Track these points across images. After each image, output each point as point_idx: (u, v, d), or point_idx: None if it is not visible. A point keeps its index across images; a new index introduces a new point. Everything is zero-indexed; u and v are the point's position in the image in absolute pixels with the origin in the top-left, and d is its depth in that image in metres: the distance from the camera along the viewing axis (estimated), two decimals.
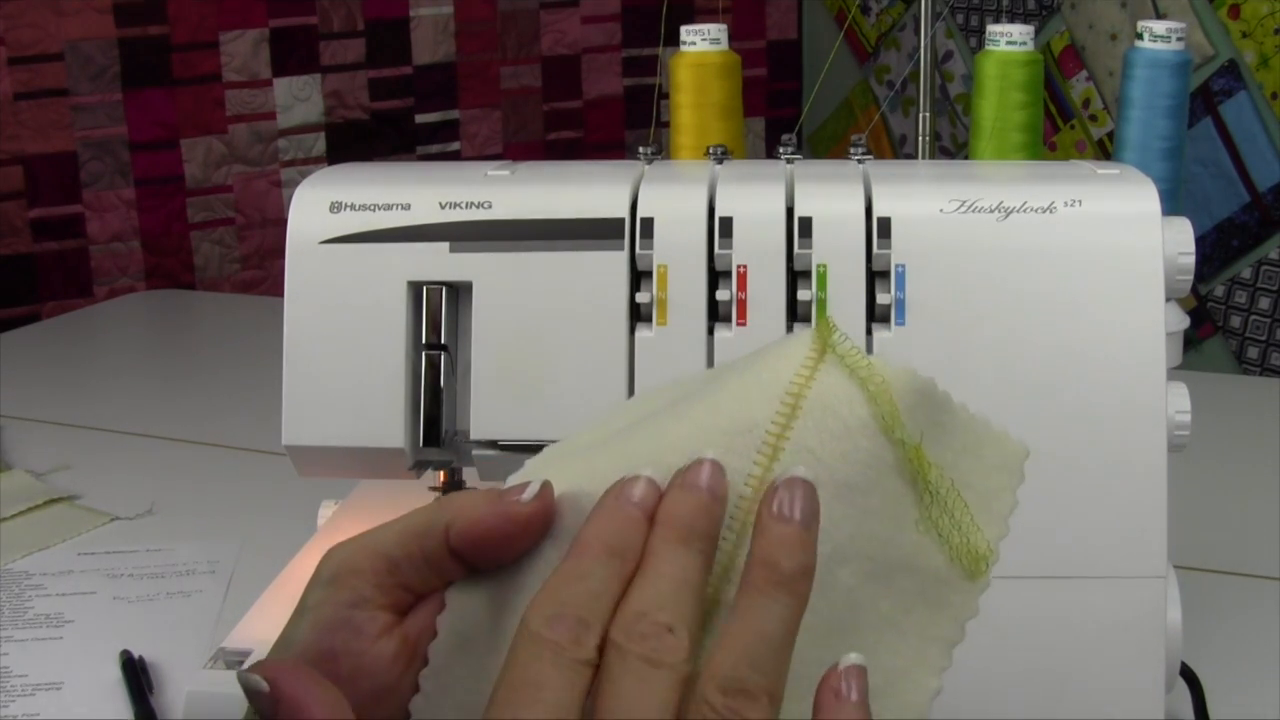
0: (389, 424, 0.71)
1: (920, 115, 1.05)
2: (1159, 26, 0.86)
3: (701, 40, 0.89)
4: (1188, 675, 0.76)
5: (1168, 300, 0.67)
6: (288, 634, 0.45)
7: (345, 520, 0.91)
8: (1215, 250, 2.08)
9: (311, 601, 0.45)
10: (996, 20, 2.09)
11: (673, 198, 0.70)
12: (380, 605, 0.44)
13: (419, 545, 0.44)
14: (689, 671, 0.39)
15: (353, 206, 0.71)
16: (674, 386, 0.48)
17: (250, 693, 0.41)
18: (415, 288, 0.71)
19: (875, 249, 0.67)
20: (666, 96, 0.92)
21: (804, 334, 0.45)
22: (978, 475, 0.45)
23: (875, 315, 0.67)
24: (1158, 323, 0.66)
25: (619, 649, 0.39)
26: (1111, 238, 0.67)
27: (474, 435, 0.71)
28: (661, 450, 0.44)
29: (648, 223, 0.69)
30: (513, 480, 0.45)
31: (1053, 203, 0.67)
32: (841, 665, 0.41)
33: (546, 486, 0.44)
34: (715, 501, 0.42)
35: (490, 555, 0.43)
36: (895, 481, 0.44)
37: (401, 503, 0.86)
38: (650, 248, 0.69)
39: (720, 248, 0.68)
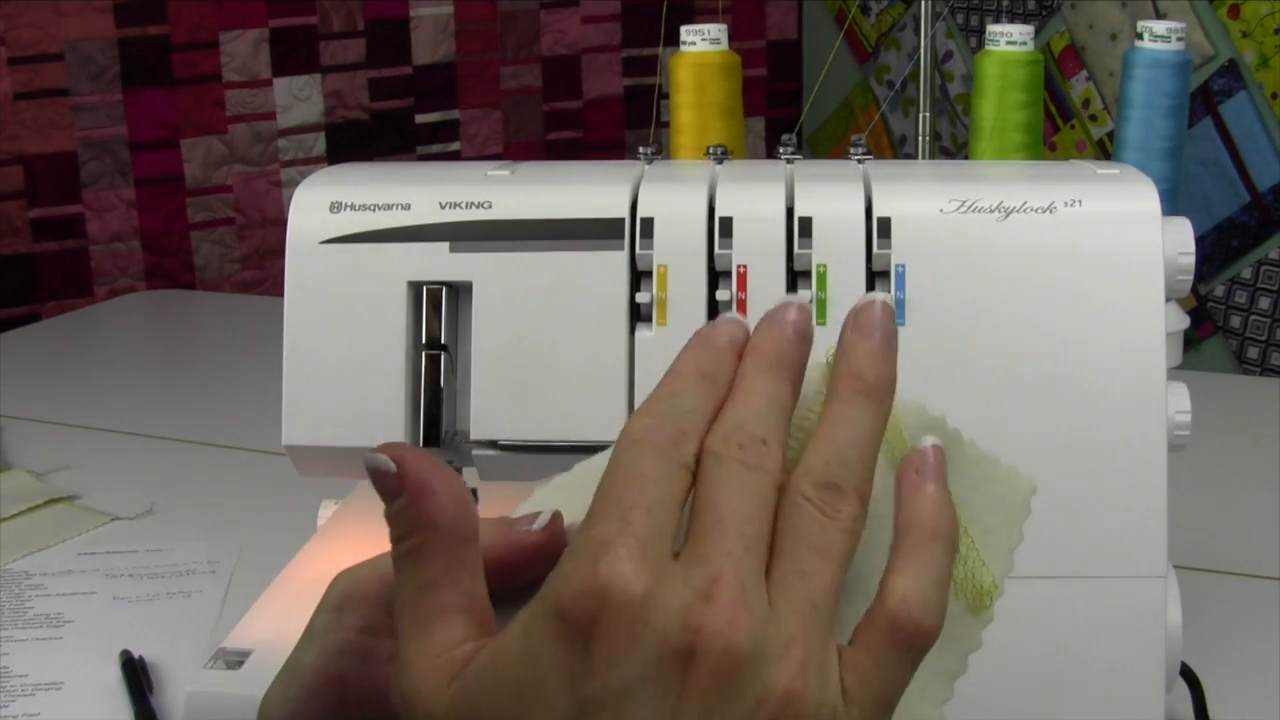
0: (389, 424, 0.71)
1: (920, 115, 1.05)
2: (1159, 26, 0.86)
3: (701, 40, 0.89)
4: (1188, 675, 0.76)
5: (1168, 300, 0.67)
6: (296, 658, 0.45)
7: (345, 520, 0.91)
8: (1215, 250, 2.08)
9: (320, 626, 0.45)
10: (996, 20, 2.09)
11: (673, 198, 0.70)
12: (389, 631, 0.44)
13: None
14: (782, 480, 0.41)
15: (353, 206, 0.71)
16: None
17: (377, 473, 0.41)
18: (415, 288, 0.71)
19: (875, 249, 0.67)
20: (666, 96, 0.92)
21: (815, 365, 0.46)
22: (986, 511, 0.46)
23: None
24: (1158, 323, 0.66)
25: (716, 456, 0.40)
26: (1111, 238, 0.67)
27: (474, 435, 0.71)
28: None
29: (648, 223, 0.69)
30: (522, 510, 0.45)
31: (1053, 203, 0.67)
32: (921, 444, 0.44)
33: (556, 516, 0.44)
34: (801, 339, 0.43)
35: (499, 583, 0.44)
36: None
37: None
38: (650, 248, 0.69)
39: (720, 248, 0.68)
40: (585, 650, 0.37)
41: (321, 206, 0.72)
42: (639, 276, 0.69)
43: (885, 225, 0.68)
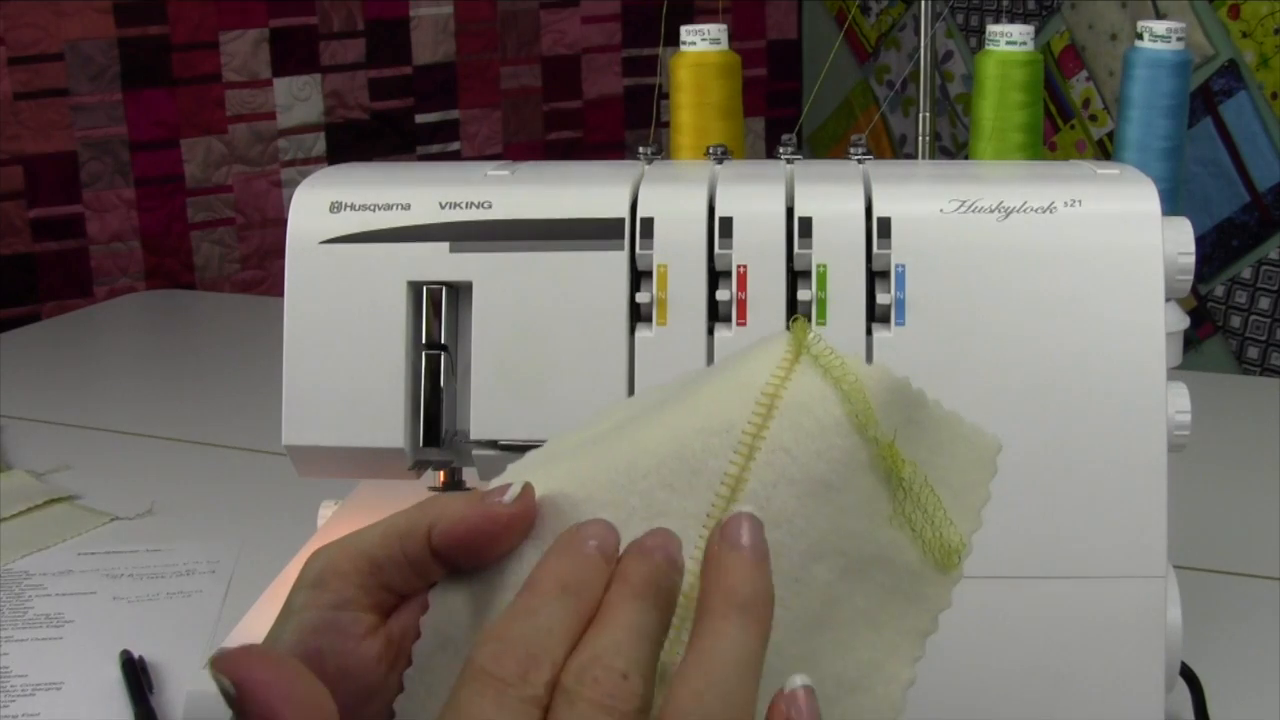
0: (389, 424, 0.71)
1: (920, 115, 1.05)
2: (1159, 26, 0.86)
3: (701, 40, 0.89)
4: (1188, 675, 0.76)
5: (1168, 300, 0.67)
6: (274, 635, 0.45)
7: (345, 520, 0.90)
8: (1215, 250, 2.08)
9: (297, 604, 0.45)
10: (996, 20, 2.09)
11: (673, 198, 0.70)
12: (364, 606, 0.44)
13: (402, 546, 0.44)
14: None
15: (353, 206, 0.71)
16: (657, 390, 0.48)
17: (223, 692, 0.40)
18: (415, 288, 0.71)
19: (875, 249, 0.67)
20: (666, 96, 0.92)
21: (780, 336, 0.46)
22: (952, 471, 0.46)
23: (875, 315, 0.68)
24: (1158, 323, 0.66)
25: (568, 694, 0.37)
26: (1111, 238, 0.67)
27: (474, 435, 0.71)
28: (640, 453, 0.44)
29: (648, 223, 0.69)
30: (496, 483, 0.45)
31: (1053, 203, 0.67)
32: (788, 688, 0.40)
33: (528, 488, 0.44)
34: (673, 567, 0.41)
35: (472, 555, 0.44)
36: (869, 478, 0.44)
37: (401, 503, 0.86)
38: (650, 248, 0.69)
39: (720, 248, 0.68)
40: None
41: (321, 206, 0.72)
42: (639, 276, 0.69)
43: (885, 225, 0.68)
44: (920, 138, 1.05)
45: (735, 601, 0.39)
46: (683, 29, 0.89)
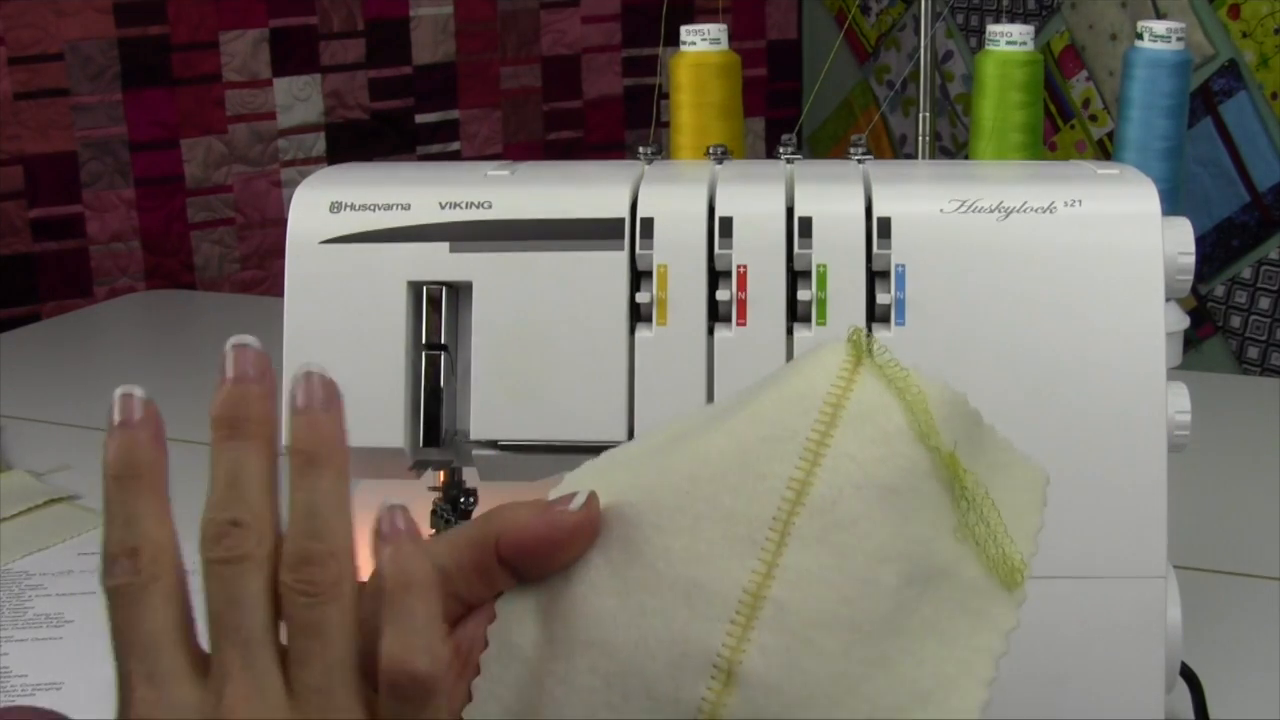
0: (389, 424, 0.71)
1: (920, 115, 1.05)
2: (1159, 26, 0.86)
3: (701, 40, 0.89)
4: (1188, 675, 0.76)
5: (1168, 300, 0.67)
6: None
7: None
8: (1215, 250, 2.08)
9: (366, 612, 0.45)
10: (996, 20, 2.09)
11: (673, 198, 0.70)
12: None
13: (470, 556, 0.45)
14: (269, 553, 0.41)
15: (353, 206, 0.71)
16: (713, 406, 0.49)
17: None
18: (415, 288, 0.71)
19: (875, 249, 0.67)
20: (666, 96, 0.92)
21: (837, 345, 0.46)
22: (1007, 492, 0.46)
23: (875, 315, 0.68)
24: (1158, 323, 0.66)
25: (204, 561, 0.41)
26: (1111, 238, 0.67)
27: (474, 435, 0.71)
28: (702, 461, 0.45)
29: (648, 223, 0.69)
30: (556, 493, 0.46)
31: (1053, 203, 0.67)
32: (385, 508, 0.43)
33: (593, 497, 0.44)
34: (255, 382, 0.44)
35: (539, 564, 0.44)
36: (933, 487, 0.44)
37: (401, 502, 0.86)
38: (650, 248, 0.69)
39: (720, 248, 0.68)
40: None
41: (321, 206, 0.72)
42: (639, 276, 0.69)
43: (885, 225, 0.68)
44: (920, 138, 1.05)
45: (309, 459, 0.43)
46: (683, 29, 0.89)
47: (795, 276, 0.68)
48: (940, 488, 0.44)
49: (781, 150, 0.77)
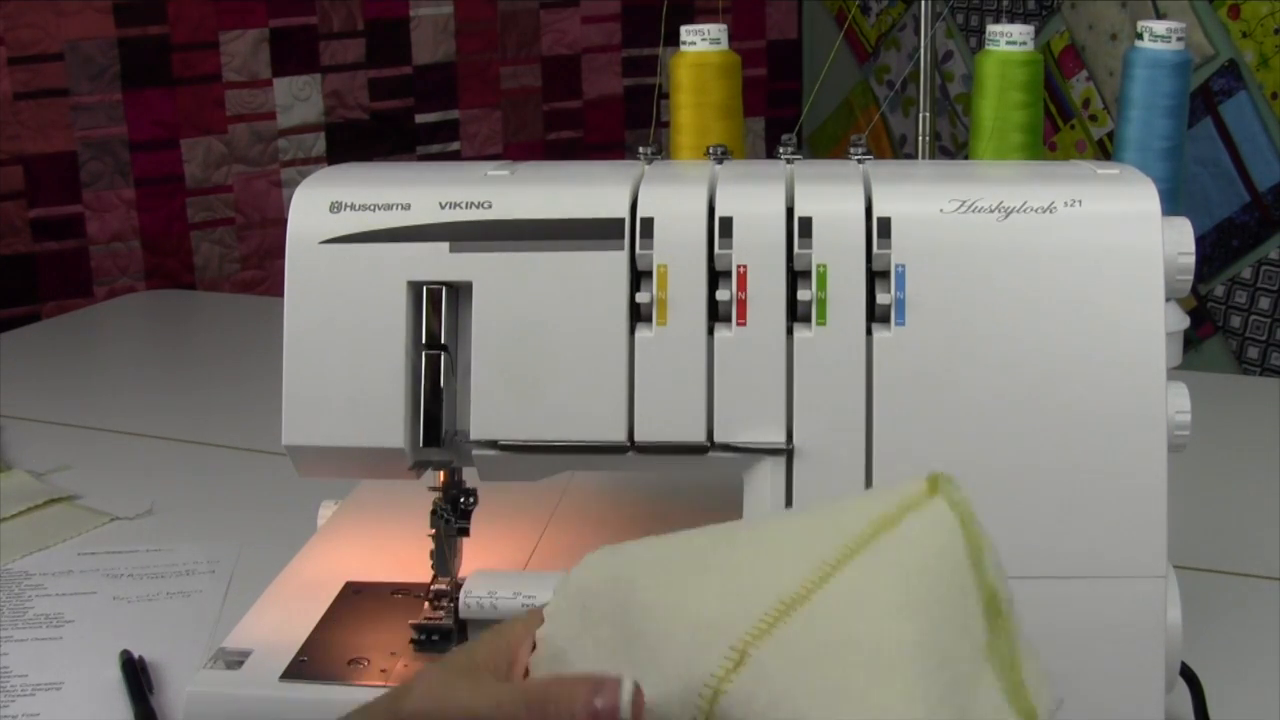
0: (389, 424, 0.71)
1: (920, 115, 1.05)
2: (1159, 26, 0.86)
3: (701, 40, 0.89)
4: (1188, 675, 0.76)
5: (1168, 300, 0.67)
6: None
7: (345, 520, 0.91)
8: (1215, 250, 2.08)
9: None
10: (996, 20, 2.09)
11: (673, 198, 0.70)
12: None
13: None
14: None
15: (353, 206, 0.71)
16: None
17: None
18: (415, 288, 0.71)
19: (875, 249, 0.67)
20: (666, 96, 0.92)
21: (918, 478, 0.49)
22: (1027, 670, 0.49)
23: (875, 315, 0.67)
24: (1158, 323, 0.66)
25: None
26: (1111, 238, 0.67)
27: (474, 435, 0.71)
28: (763, 527, 0.49)
29: (648, 223, 0.69)
30: (542, 654, 0.48)
31: (1053, 203, 0.67)
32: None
33: (638, 692, 0.45)
34: None
35: None
36: (974, 605, 0.47)
37: (401, 503, 0.86)
38: (650, 248, 0.69)
39: (720, 248, 0.68)
40: None
41: (321, 206, 0.72)
42: (639, 276, 0.69)
43: (885, 225, 0.68)
44: (920, 138, 1.05)
45: None
46: (683, 29, 0.89)
47: (795, 276, 0.68)
48: (980, 608, 0.47)
49: (781, 150, 0.77)
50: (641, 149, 0.77)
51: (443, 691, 0.47)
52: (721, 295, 0.68)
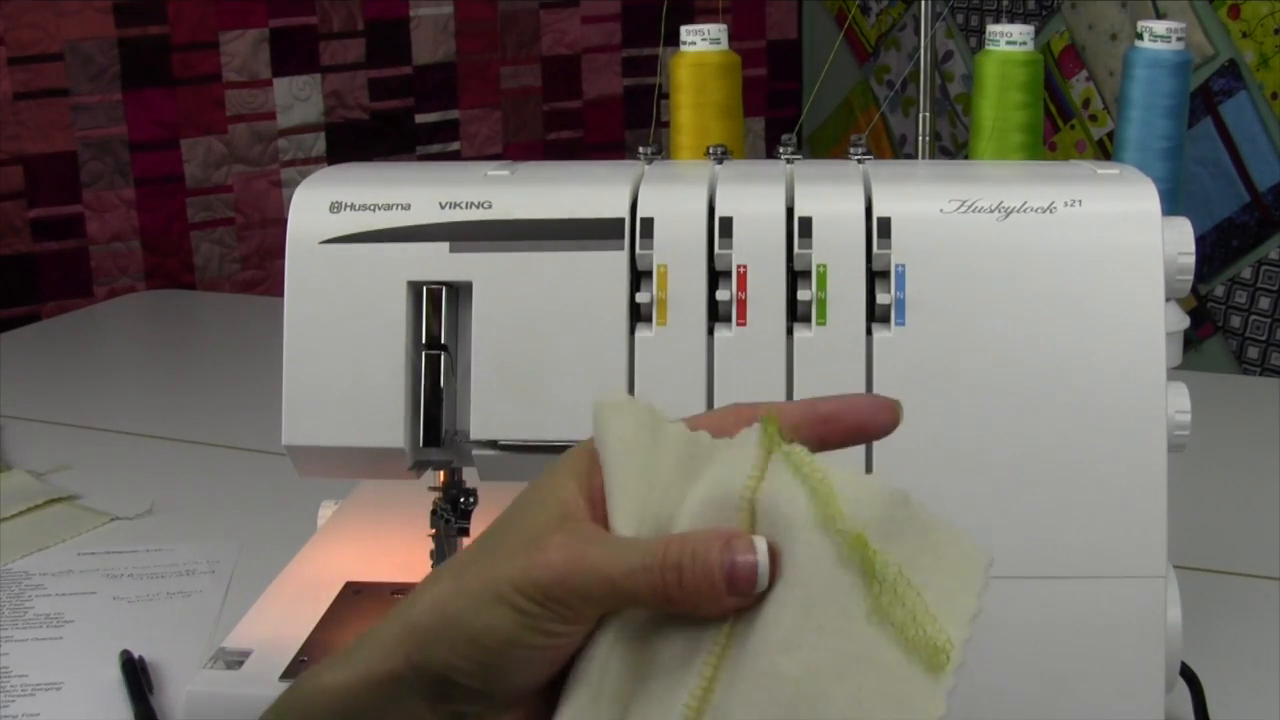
0: (389, 424, 0.71)
1: (920, 115, 1.05)
2: (1159, 26, 0.86)
3: (701, 40, 0.89)
4: (1188, 675, 0.76)
5: (1168, 300, 0.67)
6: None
7: (345, 520, 0.91)
8: (1215, 250, 2.08)
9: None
10: (996, 20, 2.09)
11: (673, 198, 0.70)
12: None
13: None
14: None
15: (353, 206, 0.71)
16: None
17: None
18: (415, 288, 0.71)
19: (875, 249, 0.67)
20: (666, 96, 0.92)
21: (752, 435, 0.46)
22: (936, 574, 0.44)
23: (875, 315, 0.67)
24: (1158, 323, 0.66)
25: None
26: (1111, 238, 0.67)
27: (474, 435, 0.71)
28: None
29: (648, 223, 0.69)
30: None
31: (1053, 203, 0.67)
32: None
33: (774, 551, 0.45)
34: None
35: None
36: (839, 573, 0.44)
37: (401, 502, 0.86)
38: (650, 248, 0.69)
39: (720, 248, 0.68)
40: None
41: (321, 206, 0.72)
42: (639, 276, 0.69)
43: (885, 225, 0.68)
44: (920, 138, 1.05)
45: None
46: (683, 29, 0.89)
47: (795, 276, 0.68)
48: (850, 573, 0.44)
49: (781, 150, 0.77)
50: (641, 149, 0.77)
51: (581, 553, 0.45)
52: (721, 295, 0.68)
